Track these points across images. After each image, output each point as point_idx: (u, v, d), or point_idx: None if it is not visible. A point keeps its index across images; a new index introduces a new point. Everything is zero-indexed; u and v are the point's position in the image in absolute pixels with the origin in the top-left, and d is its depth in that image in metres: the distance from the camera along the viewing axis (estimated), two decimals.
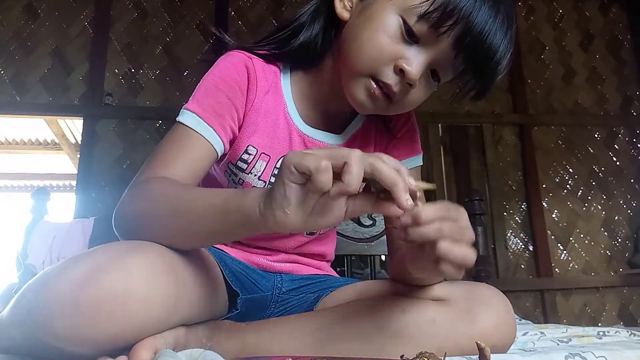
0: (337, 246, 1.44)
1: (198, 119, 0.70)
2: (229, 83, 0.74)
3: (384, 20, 0.67)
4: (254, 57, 0.78)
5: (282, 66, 0.81)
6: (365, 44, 0.69)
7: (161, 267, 0.53)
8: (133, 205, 0.63)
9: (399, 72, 0.67)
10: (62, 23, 3.00)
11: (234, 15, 3.18)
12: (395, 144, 0.86)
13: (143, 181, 0.64)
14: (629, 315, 3.09)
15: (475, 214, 1.57)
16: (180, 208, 0.58)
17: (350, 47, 0.71)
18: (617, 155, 3.36)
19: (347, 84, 0.72)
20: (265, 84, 0.78)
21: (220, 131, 0.72)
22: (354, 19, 0.73)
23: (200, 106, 0.71)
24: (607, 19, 3.58)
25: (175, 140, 0.70)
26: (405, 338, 0.63)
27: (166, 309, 0.53)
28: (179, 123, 0.71)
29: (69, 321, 0.48)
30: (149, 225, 0.60)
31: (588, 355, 0.56)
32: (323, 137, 0.81)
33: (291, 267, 0.87)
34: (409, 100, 0.72)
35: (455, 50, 0.66)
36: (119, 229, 0.63)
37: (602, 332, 0.96)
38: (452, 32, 0.65)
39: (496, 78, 0.70)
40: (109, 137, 2.89)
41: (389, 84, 0.68)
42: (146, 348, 0.52)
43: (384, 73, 0.68)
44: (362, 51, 0.69)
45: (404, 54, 0.67)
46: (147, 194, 0.62)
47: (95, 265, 0.50)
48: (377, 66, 0.68)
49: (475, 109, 3.29)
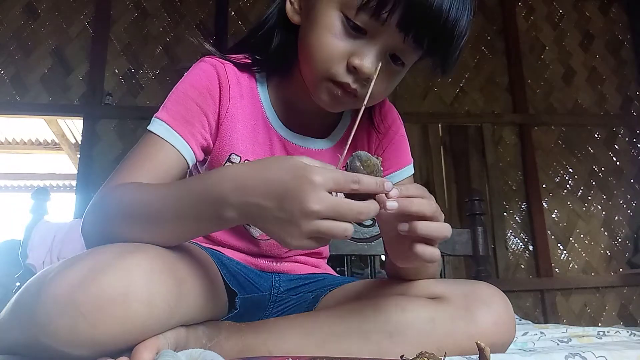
0: (337, 246, 1.44)
1: (167, 127, 0.70)
2: (199, 90, 0.74)
3: (327, 20, 0.66)
4: (226, 63, 0.77)
5: (257, 71, 0.80)
6: (315, 48, 0.68)
7: (161, 267, 0.53)
8: (102, 213, 0.63)
9: (353, 70, 0.66)
10: (62, 23, 3.00)
11: (234, 15, 3.18)
12: (385, 156, 0.84)
13: (110, 189, 0.64)
14: (629, 315, 3.09)
15: (475, 214, 1.57)
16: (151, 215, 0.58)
17: (303, 53, 0.71)
18: (617, 155, 3.36)
19: (311, 89, 0.72)
20: (238, 89, 0.77)
21: (190, 139, 0.71)
22: (303, 21, 0.72)
23: (169, 114, 0.71)
24: (607, 19, 3.58)
25: (143, 149, 0.69)
26: (404, 337, 0.63)
27: (167, 308, 0.53)
28: (148, 131, 0.71)
29: (68, 322, 0.47)
30: (120, 228, 0.59)
31: (588, 355, 0.56)
32: (304, 142, 0.81)
33: (289, 266, 0.87)
34: (378, 95, 0.71)
35: (402, 32, 0.64)
36: (88, 237, 0.64)
37: (602, 332, 0.96)
38: (393, 16, 0.63)
39: (456, 48, 0.67)
40: (109, 137, 2.89)
41: (345, 84, 0.67)
42: (148, 348, 0.51)
43: (339, 73, 0.67)
44: (313, 56, 0.68)
45: (353, 50, 0.66)
46: (116, 198, 0.62)
47: (94, 265, 0.50)
48: (330, 68, 0.67)
49: (475, 109, 3.29)
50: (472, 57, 3.36)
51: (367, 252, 1.50)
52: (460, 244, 1.51)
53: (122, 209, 0.60)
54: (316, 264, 0.92)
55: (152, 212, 0.58)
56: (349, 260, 1.56)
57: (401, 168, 0.85)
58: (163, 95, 0.74)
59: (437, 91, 3.29)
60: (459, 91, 3.31)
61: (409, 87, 3.24)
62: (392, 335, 0.64)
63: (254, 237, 0.83)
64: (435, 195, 3.11)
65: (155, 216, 0.58)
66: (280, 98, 0.80)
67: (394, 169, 0.85)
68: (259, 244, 0.84)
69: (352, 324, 0.66)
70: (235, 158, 0.77)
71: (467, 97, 3.31)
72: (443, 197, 3.15)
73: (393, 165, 0.85)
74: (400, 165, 0.85)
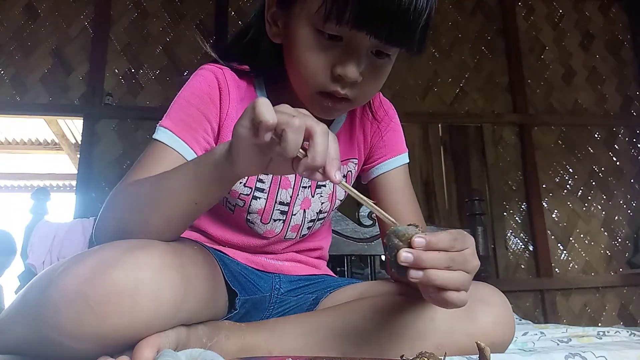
0: (337, 246, 1.45)
1: (170, 134, 0.72)
2: (200, 96, 0.76)
3: (303, 38, 0.68)
4: (224, 68, 0.79)
5: (255, 75, 0.82)
6: (299, 66, 0.70)
7: (170, 263, 0.54)
8: (112, 212, 0.65)
9: (339, 77, 0.67)
10: (62, 23, 3.00)
11: (234, 15, 3.18)
12: (378, 144, 0.88)
13: (116, 190, 0.67)
14: (629, 315, 3.09)
15: (475, 214, 1.57)
16: (157, 186, 0.62)
17: (290, 71, 0.74)
18: (617, 155, 3.36)
19: (305, 104, 0.73)
20: (238, 93, 0.79)
21: (193, 144, 0.73)
22: (284, 41, 0.74)
23: (172, 122, 0.73)
24: (607, 19, 3.58)
25: (149, 156, 0.71)
26: (404, 337, 0.64)
27: (174, 305, 0.53)
28: (153, 140, 0.72)
29: (75, 315, 0.48)
30: (133, 221, 0.61)
31: (588, 355, 0.56)
32: None
33: (290, 266, 0.88)
34: (366, 92, 0.73)
35: (364, 31, 0.64)
36: (101, 241, 0.63)
37: (602, 332, 0.96)
38: (356, 18, 0.63)
39: (420, 27, 0.65)
40: (109, 137, 2.89)
41: (335, 92, 0.69)
42: (150, 346, 0.51)
43: (326, 85, 0.69)
44: (299, 73, 0.70)
45: (334, 60, 0.67)
46: (125, 191, 0.65)
47: (103, 260, 0.50)
48: (317, 83, 0.69)
49: (475, 109, 3.29)
50: (472, 57, 3.37)
51: (367, 252, 1.50)
52: None
53: (131, 194, 0.64)
54: (316, 264, 0.93)
55: (162, 188, 0.61)
56: (349, 260, 1.56)
57: (396, 155, 0.88)
58: (163, 95, 0.75)
59: (437, 91, 3.29)
60: (459, 91, 3.31)
61: (409, 87, 3.24)
62: (392, 336, 0.64)
63: (259, 234, 0.84)
64: (435, 195, 3.13)
65: (166, 190, 0.61)
66: (278, 99, 0.81)
67: (389, 156, 0.88)
68: (261, 240, 0.84)
69: (352, 324, 0.66)
70: None
71: (467, 97, 3.31)
72: (443, 197, 3.15)
73: (389, 152, 0.88)
74: (395, 152, 0.89)
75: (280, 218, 0.83)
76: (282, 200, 0.82)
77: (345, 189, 0.55)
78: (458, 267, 0.52)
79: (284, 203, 0.83)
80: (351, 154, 0.88)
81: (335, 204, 0.88)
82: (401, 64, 3.22)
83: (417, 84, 3.26)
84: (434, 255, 0.51)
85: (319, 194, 0.85)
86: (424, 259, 0.51)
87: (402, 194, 0.86)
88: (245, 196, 0.80)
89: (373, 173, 0.89)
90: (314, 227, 0.88)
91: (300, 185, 0.84)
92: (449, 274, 0.52)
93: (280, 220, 0.83)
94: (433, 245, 0.51)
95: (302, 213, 0.85)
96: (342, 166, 0.87)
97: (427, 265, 0.51)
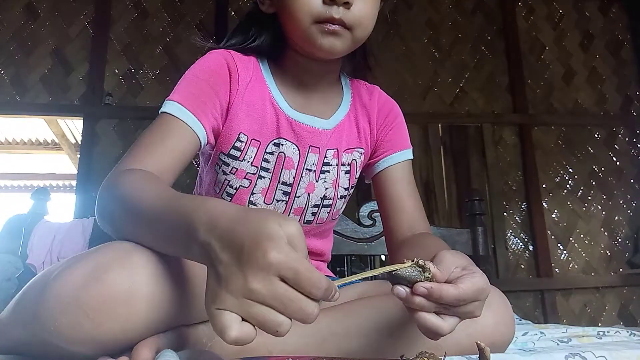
0: (337, 246, 1.45)
1: (180, 106, 0.72)
2: (209, 73, 0.77)
3: None
4: (231, 51, 0.81)
5: (258, 58, 0.85)
6: (290, 6, 0.73)
7: (166, 266, 0.53)
8: (110, 197, 0.63)
9: (330, 2, 0.70)
10: (62, 23, 3.00)
11: (234, 15, 3.18)
12: (384, 139, 0.90)
13: (121, 173, 0.65)
14: (629, 315, 3.08)
15: (475, 214, 1.57)
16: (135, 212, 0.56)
17: (286, 20, 0.76)
18: (617, 155, 3.36)
19: (305, 42, 0.75)
20: (246, 74, 0.81)
21: (203, 118, 0.73)
22: (277, 5, 0.78)
23: (181, 95, 0.73)
24: (607, 19, 3.58)
25: (157, 128, 0.71)
26: (404, 337, 0.63)
27: (170, 308, 0.53)
28: (161, 113, 0.72)
29: (71, 320, 0.47)
30: (121, 220, 0.60)
31: (588, 355, 0.56)
32: (310, 121, 0.84)
33: None
34: (361, 16, 0.74)
35: None
36: (100, 215, 0.63)
37: (602, 332, 0.96)
38: None
39: None
40: (109, 137, 2.89)
41: (329, 16, 0.71)
42: (149, 347, 0.51)
43: (321, 12, 0.71)
44: (295, 10, 0.73)
45: None
46: (119, 188, 0.61)
47: (99, 264, 0.50)
48: (311, 12, 0.72)
49: (475, 109, 3.29)
50: (472, 57, 3.36)
51: (367, 252, 1.50)
52: (460, 244, 1.51)
53: (123, 202, 0.60)
54: (316, 266, 0.93)
55: (142, 217, 0.55)
56: (349, 260, 1.56)
57: (400, 150, 0.90)
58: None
59: (437, 91, 3.29)
60: (459, 91, 3.31)
61: (409, 87, 3.24)
62: (392, 335, 0.64)
63: None
64: (435, 195, 3.13)
65: (144, 222, 0.55)
66: (283, 80, 0.85)
67: (394, 150, 0.89)
68: None
69: (352, 324, 0.66)
70: (243, 137, 0.80)
71: (467, 97, 3.31)
72: (443, 197, 3.15)
73: (394, 147, 0.90)
74: (400, 147, 0.90)
75: (283, 199, 0.84)
76: (285, 180, 0.83)
77: (344, 281, 0.51)
78: (451, 314, 0.52)
79: (286, 184, 0.83)
80: (357, 143, 0.89)
81: (340, 192, 0.88)
82: (401, 64, 3.23)
83: (417, 84, 3.26)
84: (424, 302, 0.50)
85: (323, 179, 0.86)
86: (416, 302, 0.50)
87: (405, 188, 0.87)
88: (252, 175, 0.81)
89: (377, 167, 0.90)
90: (319, 215, 0.88)
91: (304, 167, 0.84)
92: (435, 320, 0.51)
93: (283, 201, 0.84)
94: (435, 298, 0.50)
95: (306, 196, 0.85)
96: (348, 154, 0.88)
97: (416, 308, 0.51)
